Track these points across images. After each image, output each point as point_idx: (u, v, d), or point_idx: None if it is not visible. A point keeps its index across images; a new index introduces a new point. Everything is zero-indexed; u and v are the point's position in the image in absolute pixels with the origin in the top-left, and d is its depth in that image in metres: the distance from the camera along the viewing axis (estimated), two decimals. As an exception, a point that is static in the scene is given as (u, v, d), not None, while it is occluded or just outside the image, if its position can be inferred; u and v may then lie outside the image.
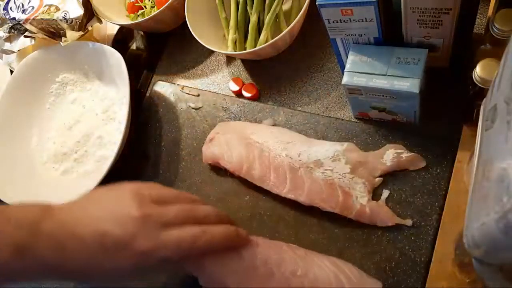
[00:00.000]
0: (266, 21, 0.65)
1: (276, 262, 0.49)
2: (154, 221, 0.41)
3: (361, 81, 0.49)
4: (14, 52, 0.78)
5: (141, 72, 0.78)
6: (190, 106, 0.70)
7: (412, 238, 0.50)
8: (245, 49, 0.68)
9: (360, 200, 0.52)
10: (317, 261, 0.49)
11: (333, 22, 0.50)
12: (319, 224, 0.55)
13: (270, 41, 0.61)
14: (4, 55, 0.80)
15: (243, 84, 0.69)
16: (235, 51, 0.68)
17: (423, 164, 0.53)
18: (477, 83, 0.43)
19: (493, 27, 0.42)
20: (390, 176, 0.54)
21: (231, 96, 0.69)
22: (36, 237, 0.39)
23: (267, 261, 0.48)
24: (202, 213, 0.46)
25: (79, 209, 0.43)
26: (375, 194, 0.53)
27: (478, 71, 0.42)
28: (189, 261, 0.46)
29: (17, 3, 0.75)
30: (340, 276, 0.47)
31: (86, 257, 0.40)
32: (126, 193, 0.44)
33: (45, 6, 0.73)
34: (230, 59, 0.74)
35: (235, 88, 0.69)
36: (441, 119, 0.55)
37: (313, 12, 0.55)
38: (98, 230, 0.40)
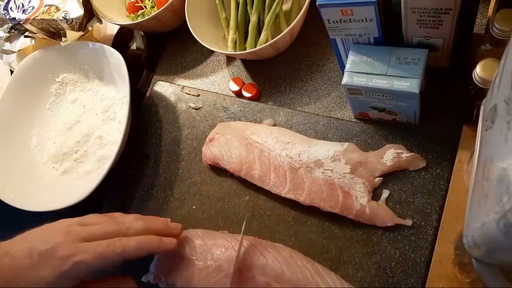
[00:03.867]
0: (266, 21, 0.65)
1: (258, 267, 0.51)
2: (75, 235, 0.48)
3: (361, 81, 0.49)
4: (14, 52, 0.78)
5: (141, 72, 0.78)
6: (190, 106, 0.70)
7: (412, 238, 0.50)
8: (245, 49, 0.68)
9: (360, 200, 0.52)
10: (300, 265, 0.50)
11: (333, 22, 0.50)
12: (319, 224, 0.55)
13: (270, 41, 0.61)
14: (4, 55, 0.80)
15: (243, 84, 0.69)
16: (235, 51, 0.68)
17: (423, 164, 0.53)
18: (477, 83, 0.43)
19: (493, 27, 0.42)
20: (390, 176, 0.54)
21: (231, 96, 0.69)
22: None
23: (251, 265, 0.51)
24: (124, 226, 0.51)
25: (17, 238, 0.49)
26: (375, 194, 0.53)
27: (478, 71, 0.42)
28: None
29: (17, 3, 0.75)
30: (321, 284, 0.48)
31: (15, 271, 0.46)
32: (56, 223, 0.50)
33: (45, 6, 0.73)
34: (230, 59, 0.74)
35: (235, 88, 0.69)
36: (441, 119, 0.55)
37: (313, 12, 0.55)
38: (27, 247, 0.47)
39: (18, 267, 0.46)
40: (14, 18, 0.74)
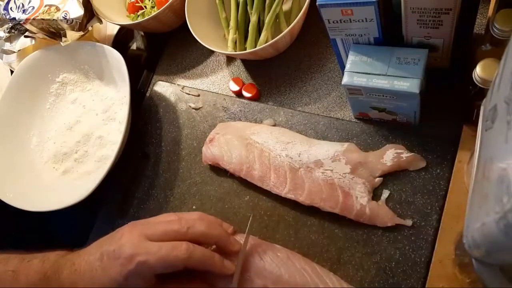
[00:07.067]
0: (266, 21, 0.65)
1: (255, 269, 0.50)
2: (137, 233, 0.48)
3: (361, 81, 0.49)
4: (14, 52, 0.78)
5: (141, 72, 0.78)
6: (190, 106, 0.70)
7: (412, 238, 0.50)
8: (245, 49, 0.68)
9: (360, 200, 0.52)
10: (298, 266, 0.50)
11: (333, 22, 0.50)
12: (319, 224, 0.55)
13: (270, 41, 0.61)
14: (4, 55, 0.80)
15: (243, 84, 0.69)
16: (235, 51, 0.68)
17: (423, 164, 0.53)
18: (477, 83, 0.43)
19: (493, 27, 0.42)
20: (390, 176, 0.54)
21: (231, 96, 0.69)
22: (59, 266, 0.49)
23: (248, 267, 0.51)
24: (185, 226, 0.49)
25: (92, 245, 0.51)
26: (375, 194, 0.53)
27: (478, 71, 0.42)
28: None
29: (18, 3, 0.75)
30: (320, 285, 0.48)
31: (90, 273, 0.47)
32: (124, 225, 0.51)
33: (45, 6, 0.73)
34: (230, 59, 0.74)
35: (235, 88, 0.69)
36: (441, 119, 0.55)
37: (313, 12, 0.55)
38: (100, 251, 0.48)
39: (92, 269, 0.47)
40: (14, 18, 0.74)
